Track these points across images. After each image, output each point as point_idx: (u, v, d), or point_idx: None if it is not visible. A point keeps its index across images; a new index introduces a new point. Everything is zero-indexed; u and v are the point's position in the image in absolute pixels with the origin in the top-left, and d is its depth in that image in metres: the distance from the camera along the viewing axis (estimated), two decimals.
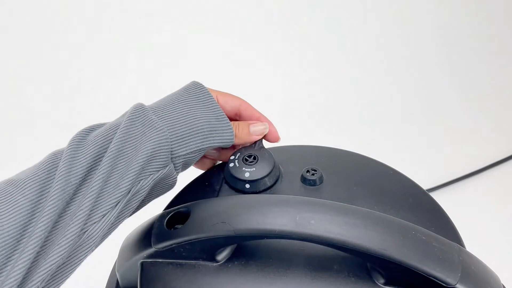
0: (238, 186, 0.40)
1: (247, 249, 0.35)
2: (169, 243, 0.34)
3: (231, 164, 0.41)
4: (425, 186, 0.61)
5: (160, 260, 0.35)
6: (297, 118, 0.87)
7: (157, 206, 0.43)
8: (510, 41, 0.95)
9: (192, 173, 0.46)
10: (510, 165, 0.80)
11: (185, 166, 0.40)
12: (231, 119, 0.42)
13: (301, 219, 0.32)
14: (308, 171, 0.41)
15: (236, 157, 0.41)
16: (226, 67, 0.92)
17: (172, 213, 0.36)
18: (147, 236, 0.35)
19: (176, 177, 0.39)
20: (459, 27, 0.95)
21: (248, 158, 0.41)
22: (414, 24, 0.94)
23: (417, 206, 0.40)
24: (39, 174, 0.33)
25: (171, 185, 0.39)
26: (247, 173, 0.40)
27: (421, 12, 0.94)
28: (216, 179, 0.43)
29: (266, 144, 0.44)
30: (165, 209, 0.40)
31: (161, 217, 0.36)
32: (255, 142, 0.43)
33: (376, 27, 0.94)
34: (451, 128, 0.86)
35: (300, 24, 0.93)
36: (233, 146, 0.43)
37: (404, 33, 0.94)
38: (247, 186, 0.40)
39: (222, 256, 0.35)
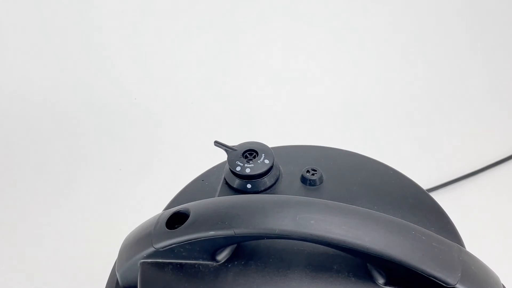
0: (238, 185, 0.40)
1: (247, 249, 0.35)
2: (169, 243, 0.34)
3: (231, 161, 0.41)
4: (425, 186, 0.61)
5: (160, 260, 0.35)
6: (297, 118, 0.87)
7: (157, 206, 0.43)
8: (510, 39, 0.95)
9: (192, 173, 0.46)
10: (510, 165, 0.80)
11: None
12: None
13: (301, 219, 0.32)
14: (308, 171, 0.41)
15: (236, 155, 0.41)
16: (227, 67, 0.92)
17: (172, 213, 0.36)
18: (147, 236, 0.35)
19: None
20: (460, 27, 0.95)
21: (248, 155, 0.41)
22: (415, 24, 0.94)
23: (417, 206, 0.40)
24: None
25: None
26: (248, 168, 0.40)
27: (422, 12, 0.94)
28: (216, 179, 0.43)
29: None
30: (165, 209, 0.40)
31: (161, 217, 0.36)
32: None
33: (375, 28, 0.94)
34: (451, 128, 0.86)
35: (300, 24, 0.93)
36: None
37: (404, 32, 0.94)
38: (249, 186, 0.40)
39: (222, 256, 0.35)
